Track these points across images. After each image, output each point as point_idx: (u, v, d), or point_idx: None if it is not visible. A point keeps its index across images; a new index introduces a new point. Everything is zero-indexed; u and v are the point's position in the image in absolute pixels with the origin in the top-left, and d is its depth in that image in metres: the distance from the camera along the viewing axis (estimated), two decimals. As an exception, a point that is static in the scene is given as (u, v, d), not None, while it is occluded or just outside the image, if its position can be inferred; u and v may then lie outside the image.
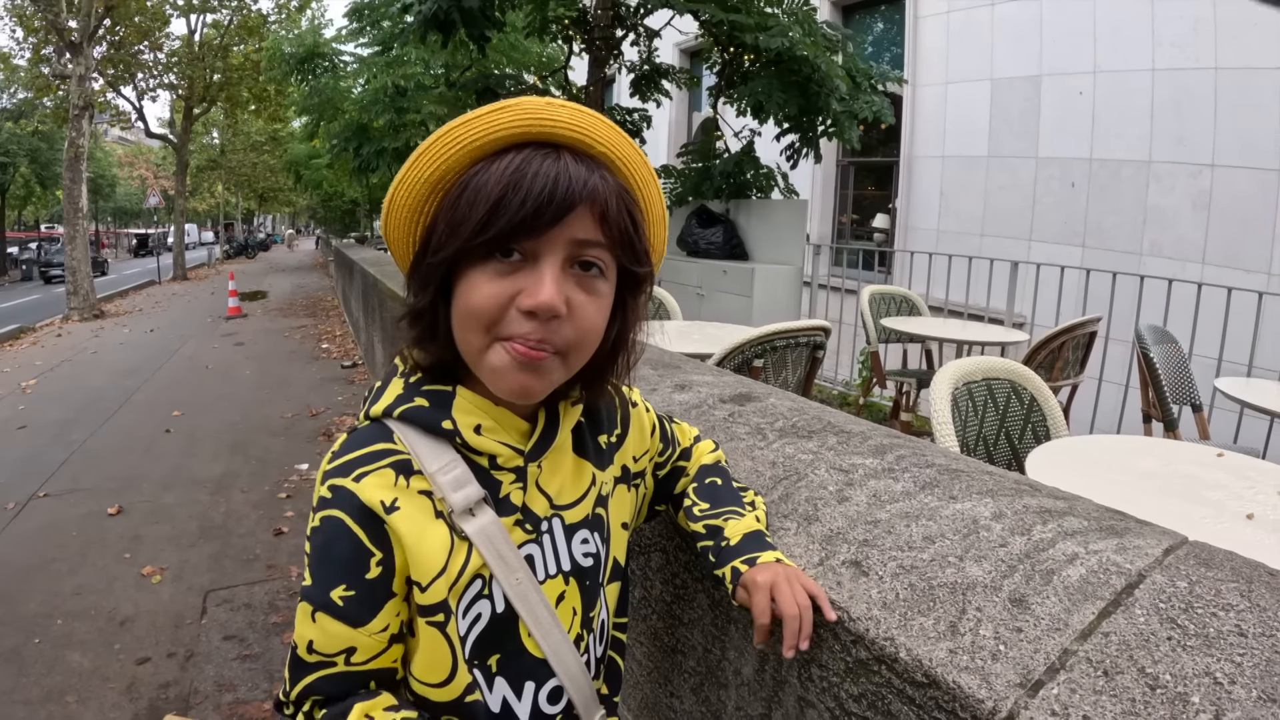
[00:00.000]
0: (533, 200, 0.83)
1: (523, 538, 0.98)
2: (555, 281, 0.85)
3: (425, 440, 0.94)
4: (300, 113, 17.79)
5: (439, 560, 0.91)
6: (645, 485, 1.25)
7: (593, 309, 0.90)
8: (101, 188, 50.76)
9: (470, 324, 0.88)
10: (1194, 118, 7.91)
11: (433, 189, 0.91)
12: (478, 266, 0.87)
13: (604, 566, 1.09)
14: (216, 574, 4.19)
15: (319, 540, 0.91)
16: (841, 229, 12.55)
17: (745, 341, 3.38)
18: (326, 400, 8.06)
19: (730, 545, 1.12)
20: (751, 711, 1.22)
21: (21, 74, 26.87)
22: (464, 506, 0.92)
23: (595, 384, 1.02)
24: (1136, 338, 4.19)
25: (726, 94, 9.41)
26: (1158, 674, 0.82)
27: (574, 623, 1.03)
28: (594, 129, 0.91)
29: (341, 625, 0.89)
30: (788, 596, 1.01)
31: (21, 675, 3.31)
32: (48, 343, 13.09)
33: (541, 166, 0.85)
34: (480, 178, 0.87)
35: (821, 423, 1.65)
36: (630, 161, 0.95)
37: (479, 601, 0.94)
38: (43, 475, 5.80)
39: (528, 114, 0.88)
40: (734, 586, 1.08)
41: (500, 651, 0.97)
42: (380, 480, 0.91)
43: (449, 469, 0.93)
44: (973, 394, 2.64)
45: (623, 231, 0.90)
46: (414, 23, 8.00)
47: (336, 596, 0.89)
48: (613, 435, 1.14)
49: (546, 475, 1.02)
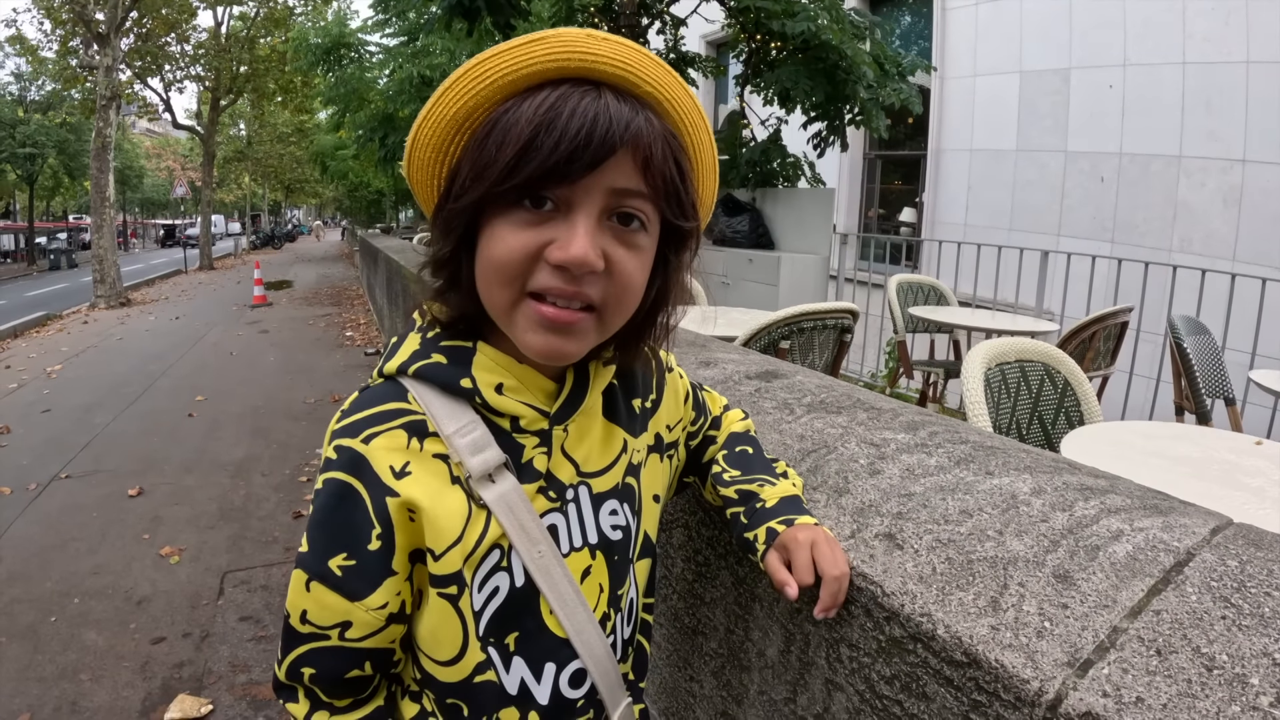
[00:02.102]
0: (567, 143, 0.75)
1: (546, 506, 0.91)
2: (589, 234, 0.78)
3: (442, 400, 0.87)
4: (326, 103, 17.80)
5: (455, 528, 0.84)
6: (678, 456, 1.17)
7: (632, 265, 0.82)
8: (129, 178, 51.16)
9: (495, 277, 0.81)
10: (1225, 112, 7.82)
11: (459, 127, 0.84)
12: (505, 214, 0.80)
13: (634, 541, 1.02)
14: (235, 555, 4.20)
15: (320, 503, 0.85)
16: (868, 223, 12.49)
17: (772, 322, 3.35)
18: (349, 387, 8.04)
19: (766, 507, 1.05)
20: (775, 695, 1.18)
21: (49, 66, 27.09)
22: (483, 471, 0.85)
23: (631, 346, 0.94)
24: (1170, 328, 4.12)
25: (753, 81, 9.36)
26: (1214, 654, 0.76)
27: (600, 600, 0.95)
28: (640, 65, 0.82)
29: (337, 597, 0.84)
30: (829, 556, 0.96)
31: (37, 652, 3.33)
32: (74, 329, 13.20)
33: (579, 105, 0.77)
34: (510, 116, 0.79)
35: (851, 399, 1.61)
36: (680, 103, 0.86)
37: (497, 574, 0.88)
38: (65, 457, 5.84)
39: (566, 46, 0.80)
40: (766, 548, 1.01)
41: (519, 629, 0.90)
42: (390, 442, 0.84)
43: (467, 431, 0.86)
44: (1005, 375, 2.58)
45: (668, 181, 0.82)
46: (439, 12, 8.01)
47: (335, 566, 0.84)
48: (647, 400, 1.07)
49: (573, 440, 0.94)
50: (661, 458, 1.10)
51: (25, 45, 26.46)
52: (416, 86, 12.46)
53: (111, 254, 16.86)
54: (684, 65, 10.27)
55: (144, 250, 54.20)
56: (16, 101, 38.32)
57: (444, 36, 11.24)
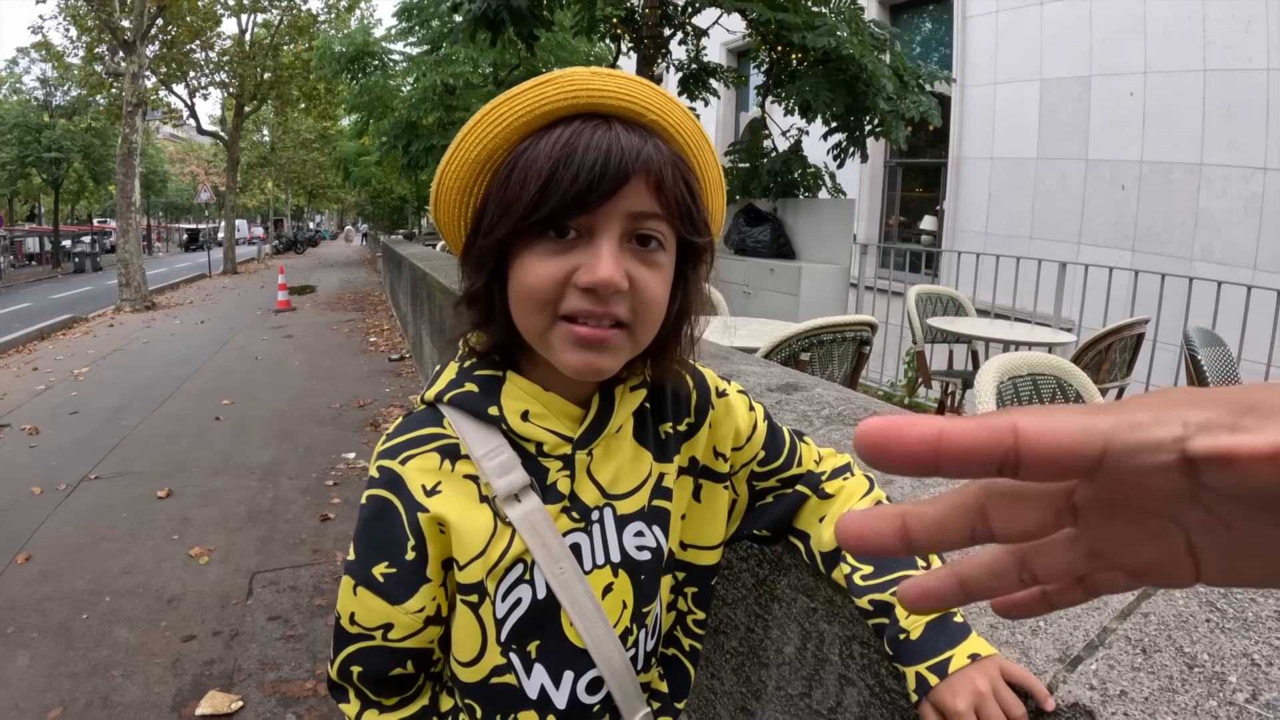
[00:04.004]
0: (585, 174, 0.80)
1: (569, 526, 0.95)
2: (613, 256, 0.82)
3: (473, 425, 0.93)
4: (350, 111, 17.95)
5: (479, 543, 0.90)
6: (736, 490, 1.12)
7: (654, 281, 0.86)
8: (153, 183, 51.46)
9: (528, 305, 0.85)
10: (1246, 120, 7.79)
11: (481, 168, 0.88)
12: (531, 245, 0.84)
13: (662, 561, 1.03)
14: (263, 556, 4.28)
15: (363, 516, 0.93)
16: (889, 230, 12.48)
17: (792, 335, 3.39)
18: (374, 391, 8.16)
19: (910, 640, 0.93)
20: (791, 690, 1.24)
21: (75, 72, 27.39)
22: (508, 492, 0.90)
23: (660, 359, 0.97)
24: (1184, 340, 4.14)
25: (774, 92, 9.41)
26: (1195, 653, 0.83)
27: (623, 616, 0.98)
28: (644, 96, 0.86)
29: (380, 601, 0.92)
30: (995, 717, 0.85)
31: (69, 649, 3.40)
32: (100, 332, 13.32)
33: (592, 139, 0.82)
34: (529, 154, 0.83)
35: (868, 411, 1.67)
36: (684, 128, 0.90)
37: (519, 586, 0.93)
38: (94, 458, 5.93)
39: (574, 85, 0.84)
40: (920, 698, 0.90)
41: (540, 638, 0.95)
42: (425, 464, 0.92)
43: (495, 454, 0.91)
44: (1018, 388, 2.63)
45: (680, 201, 0.86)
46: (463, 22, 8.09)
47: (378, 573, 0.91)
48: (681, 424, 1.06)
49: (599, 463, 0.97)
50: (695, 479, 1.08)
51: (51, 51, 26.72)
52: (440, 95, 12.57)
53: (137, 258, 16.99)
54: (705, 76, 10.34)
55: (168, 254, 54.53)
56: (42, 107, 38.76)
57: (467, 46, 11.32)
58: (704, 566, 1.11)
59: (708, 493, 1.09)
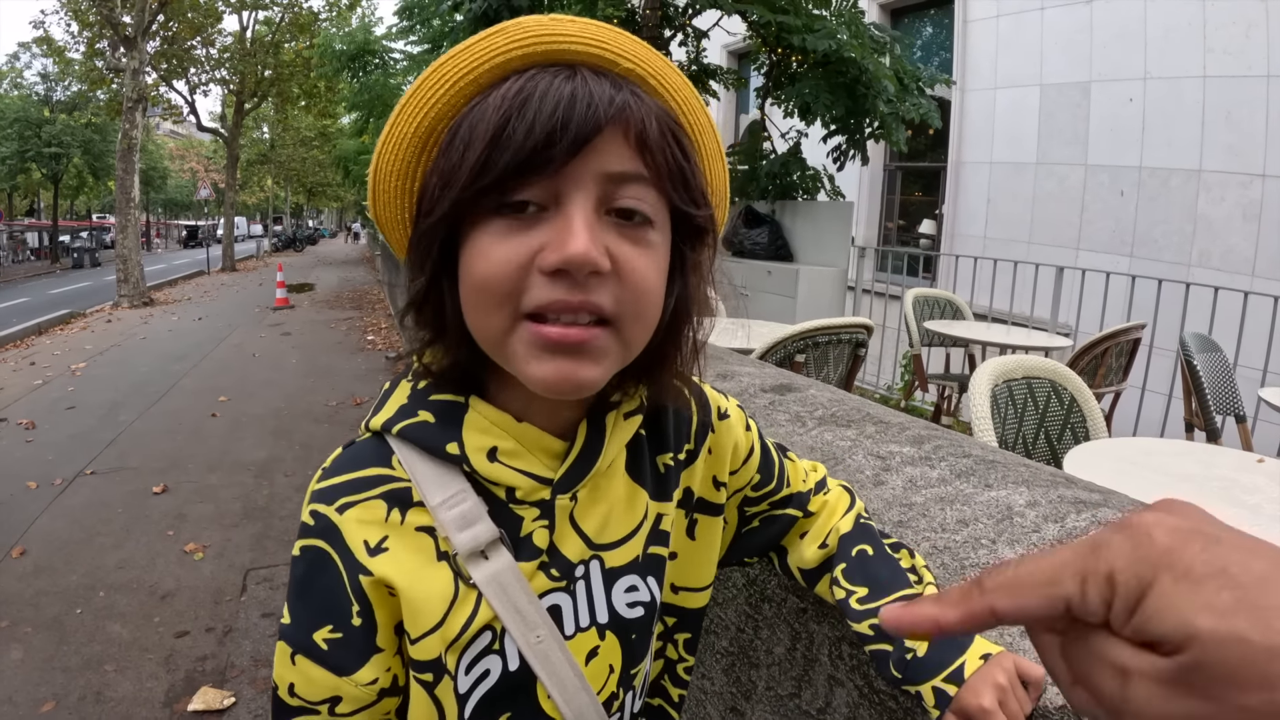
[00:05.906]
0: (543, 125, 0.62)
1: (547, 585, 0.77)
2: (587, 225, 0.64)
3: (429, 465, 0.75)
4: (350, 109, 17.92)
5: (436, 611, 0.74)
6: (726, 518, 0.97)
7: (644, 263, 0.67)
8: (153, 179, 51.38)
9: (482, 301, 0.67)
10: (1246, 126, 7.78)
11: (423, 144, 0.71)
12: (483, 226, 0.66)
13: (655, 615, 0.87)
14: (258, 553, 4.28)
15: (297, 572, 0.76)
16: (888, 234, 12.47)
17: (788, 336, 3.39)
18: (370, 390, 8.16)
19: (918, 657, 0.85)
20: (781, 690, 1.24)
21: (76, 67, 27.36)
22: (472, 549, 0.73)
23: (658, 374, 0.78)
24: (1180, 345, 4.15)
25: (774, 94, 9.40)
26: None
27: (609, 681, 0.82)
28: (615, 42, 0.69)
29: (324, 672, 0.75)
30: (1018, 714, 0.80)
31: (62, 644, 3.41)
32: (98, 328, 13.33)
33: (552, 85, 0.64)
34: (475, 112, 0.66)
35: (861, 413, 1.67)
36: (669, 82, 0.72)
37: (487, 657, 0.76)
38: (90, 454, 5.93)
39: (529, 32, 0.67)
40: (940, 712, 0.82)
41: (511, 711, 0.77)
42: (366, 514, 0.74)
43: (455, 502, 0.74)
44: (1013, 392, 2.63)
45: (670, 159, 0.68)
46: (464, 21, 8.10)
47: (320, 639, 0.75)
48: (680, 452, 0.89)
49: (584, 507, 0.80)
50: (689, 514, 0.92)
51: (53, 46, 26.72)
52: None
53: (135, 254, 17.00)
54: (705, 77, 10.32)
55: (166, 250, 54.50)
56: (43, 101, 38.72)
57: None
58: (696, 609, 0.96)
59: (703, 528, 0.94)
